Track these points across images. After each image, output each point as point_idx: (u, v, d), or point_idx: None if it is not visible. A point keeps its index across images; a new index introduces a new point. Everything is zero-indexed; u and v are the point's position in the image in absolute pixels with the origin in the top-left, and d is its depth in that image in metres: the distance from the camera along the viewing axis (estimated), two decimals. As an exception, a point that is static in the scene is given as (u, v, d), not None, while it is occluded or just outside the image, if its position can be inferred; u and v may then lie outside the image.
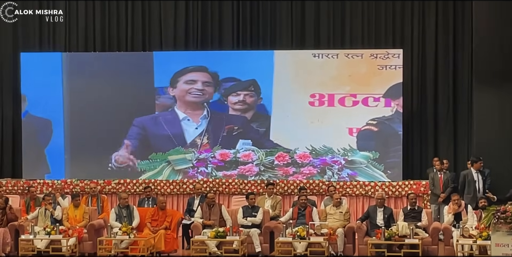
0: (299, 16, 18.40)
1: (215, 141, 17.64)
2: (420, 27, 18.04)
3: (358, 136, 17.31)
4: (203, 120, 17.72)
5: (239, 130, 17.63)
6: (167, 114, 17.86)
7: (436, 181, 15.77)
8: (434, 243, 13.29)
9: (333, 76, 17.44)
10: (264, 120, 17.66)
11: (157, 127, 17.83)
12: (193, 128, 17.77)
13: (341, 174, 17.18)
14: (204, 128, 17.71)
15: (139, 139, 17.87)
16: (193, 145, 17.67)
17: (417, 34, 18.04)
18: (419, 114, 17.93)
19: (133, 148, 17.78)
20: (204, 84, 17.77)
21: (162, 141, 17.76)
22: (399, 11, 18.11)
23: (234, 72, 17.74)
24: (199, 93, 17.76)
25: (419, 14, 18.03)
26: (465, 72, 17.74)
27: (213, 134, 17.67)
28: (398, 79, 17.15)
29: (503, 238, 10.67)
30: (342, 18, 18.31)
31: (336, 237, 13.38)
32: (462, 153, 17.62)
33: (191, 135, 17.75)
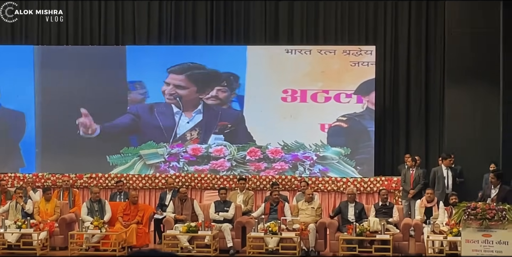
0: (272, 11, 18.40)
1: (206, 137, 17.59)
2: (393, 24, 18.11)
3: (329, 132, 17.34)
4: (196, 115, 17.64)
5: (232, 128, 17.58)
6: (162, 107, 17.77)
7: (407, 178, 15.87)
8: (405, 239, 13.35)
9: (306, 72, 17.46)
10: (237, 115, 17.63)
11: (151, 118, 17.71)
12: (185, 122, 17.67)
13: (313, 170, 17.20)
14: (197, 123, 17.62)
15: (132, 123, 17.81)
16: (183, 138, 17.57)
17: (390, 31, 18.12)
18: (391, 111, 18.01)
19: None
20: (178, 88, 17.69)
21: (156, 131, 17.66)
22: (372, 8, 18.17)
23: (207, 67, 17.68)
24: (170, 97, 17.66)
25: (392, 11, 18.10)
26: (437, 70, 17.84)
27: (205, 130, 17.58)
28: (371, 75, 17.20)
29: (473, 235, 10.76)
30: (315, 14, 18.33)
31: (308, 232, 13.39)
32: (434, 150, 17.73)
33: (182, 129, 17.64)
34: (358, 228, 12.92)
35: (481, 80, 16.30)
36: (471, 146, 16.09)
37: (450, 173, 15.38)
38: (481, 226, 10.70)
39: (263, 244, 13.16)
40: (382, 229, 12.95)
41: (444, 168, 15.45)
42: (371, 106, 17.21)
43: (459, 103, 16.42)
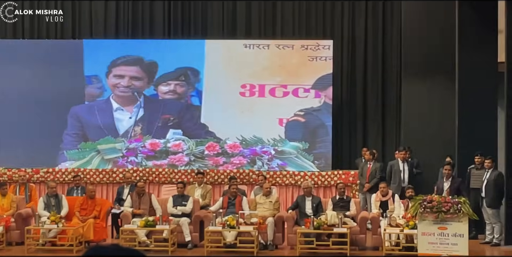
0: (230, 6, 18.38)
1: (149, 131, 17.50)
2: (350, 19, 18.19)
3: (287, 126, 17.36)
4: (137, 109, 17.56)
5: (175, 120, 17.52)
6: (101, 103, 17.65)
7: (364, 171, 15.93)
8: (362, 232, 13.39)
9: (264, 67, 17.45)
10: (194, 110, 17.58)
11: (91, 117, 17.59)
12: (127, 118, 17.58)
13: (271, 164, 17.22)
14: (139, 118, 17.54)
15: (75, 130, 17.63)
16: (127, 135, 17.49)
17: (347, 26, 18.19)
18: (349, 105, 18.09)
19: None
20: (133, 79, 17.60)
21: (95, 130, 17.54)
22: (330, 3, 18.23)
23: (165, 62, 17.60)
24: (125, 90, 17.57)
25: (349, 7, 18.18)
26: (393, 64, 17.95)
27: (148, 124, 17.52)
28: (328, 70, 17.24)
29: (429, 227, 10.84)
30: (273, 9, 18.34)
31: (266, 226, 13.37)
32: (391, 144, 17.85)
33: (125, 125, 17.57)
34: (316, 221, 12.93)
35: (437, 75, 16.44)
36: (428, 139, 16.21)
37: (406, 167, 15.48)
38: (437, 219, 10.78)
39: (221, 238, 13.11)
40: (339, 223, 12.97)
41: (400, 161, 15.55)
42: (329, 101, 17.25)
43: (416, 98, 16.54)
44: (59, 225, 13.35)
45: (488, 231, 14.04)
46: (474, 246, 13.02)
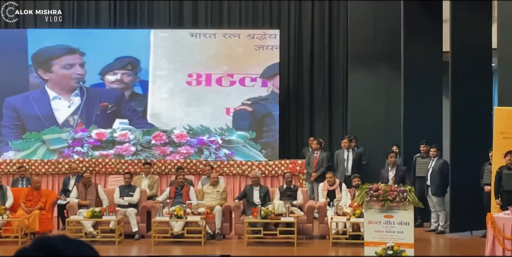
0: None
1: (88, 120, 17.30)
2: (296, 8, 18.17)
3: (234, 115, 17.31)
4: (75, 98, 17.33)
5: (113, 108, 17.35)
6: (37, 93, 17.38)
7: (311, 160, 15.95)
8: (309, 221, 13.42)
9: (210, 56, 17.36)
10: (141, 99, 17.44)
11: (28, 107, 17.32)
12: (66, 107, 17.36)
13: (218, 154, 17.16)
14: (77, 107, 17.33)
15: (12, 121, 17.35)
16: (67, 124, 17.28)
17: (294, 15, 18.17)
18: (296, 95, 18.09)
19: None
20: (76, 68, 17.38)
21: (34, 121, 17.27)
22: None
23: (111, 51, 17.41)
24: (79, 76, 17.36)
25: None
26: (340, 54, 17.99)
27: (86, 113, 17.32)
28: (275, 59, 17.22)
29: (375, 216, 10.87)
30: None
31: (213, 216, 13.33)
32: (337, 133, 17.88)
33: (63, 114, 17.34)
34: (263, 211, 12.91)
35: (383, 64, 16.51)
36: (374, 128, 16.28)
37: (351, 156, 15.53)
38: (383, 207, 10.81)
39: (168, 229, 13.04)
40: (286, 212, 12.97)
41: (346, 150, 15.58)
42: (276, 90, 17.24)
43: (362, 86, 16.60)
44: (3, 217, 13.15)
45: (433, 219, 14.17)
46: (419, 234, 13.14)
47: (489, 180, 12.97)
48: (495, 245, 11.21)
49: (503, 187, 12.26)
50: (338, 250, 12.51)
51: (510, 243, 11.04)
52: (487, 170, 13.26)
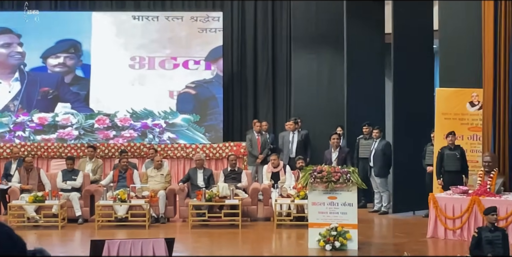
0: (119, -23, 17.95)
1: (29, 105, 16.98)
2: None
3: (178, 98, 17.19)
4: (15, 83, 17.00)
5: (54, 93, 17.05)
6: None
7: (254, 143, 15.88)
8: (253, 204, 13.37)
9: (153, 39, 17.20)
10: (84, 83, 17.17)
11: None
12: (6, 92, 17.02)
13: (162, 137, 17.04)
14: (18, 92, 16.99)
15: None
16: (7, 109, 16.93)
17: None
18: (239, 77, 17.98)
19: None
20: (15, 52, 17.06)
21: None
22: (219, -26, 18.02)
23: (52, 34, 17.09)
24: (18, 56, 17.03)
25: (238, -22, 18.02)
26: (283, 36, 17.91)
27: (27, 98, 16.99)
28: (219, 42, 17.12)
29: (319, 197, 10.83)
30: (163, -20, 18.01)
31: (157, 199, 13.20)
32: (281, 115, 17.86)
33: (4, 99, 17.01)
34: (207, 193, 12.81)
35: (326, 46, 16.47)
36: (318, 110, 16.26)
37: (296, 138, 15.49)
38: (327, 189, 10.77)
39: (112, 212, 12.87)
40: (231, 194, 12.90)
41: (291, 132, 15.54)
42: (220, 73, 17.15)
43: (305, 69, 16.55)
44: None
45: (376, 200, 14.23)
46: (363, 215, 13.19)
47: (431, 160, 13.07)
48: (437, 225, 11.29)
49: (444, 168, 12.34)
50: (283, 231, 12.46)
51: (452, 222, 11.13)
52: (429, 151, 13.34)
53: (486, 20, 11.64)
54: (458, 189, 11.40)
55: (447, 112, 13.03)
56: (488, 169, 11.29)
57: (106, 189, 13.16)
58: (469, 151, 12.83)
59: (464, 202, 11.04)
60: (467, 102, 12.97)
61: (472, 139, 13.03)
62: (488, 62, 11.62)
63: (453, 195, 11.34)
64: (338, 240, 10.56)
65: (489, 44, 11.57)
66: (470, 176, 12.25)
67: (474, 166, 12.59)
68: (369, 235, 11.95)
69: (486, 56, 11.64)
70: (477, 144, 12.83)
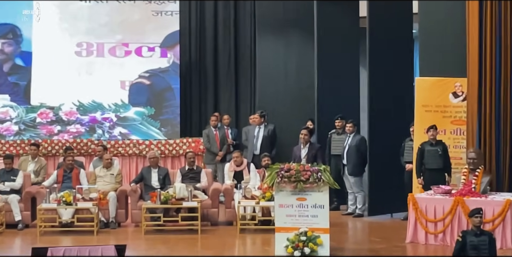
0: (63, -46, 17.78)
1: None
2: (198, -31, 17.98)
3: (130, 90, 17.16)
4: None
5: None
6: None
7: (212, 138, 15.82)
8: (214, 206, 13.33)
9: (102, 23, 17.17)
10: (24, 72, 17.03)
11: None
12: None
13: (113, 132, 17.02)
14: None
15: None
16: None
17: (195, -24, 17.98)
18: (198, 66, 17.95)
19: None
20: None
21: None
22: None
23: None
24: None
25: (196, -46, 17.97)
26: (247, 19, 17.91)
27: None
28: (175, 27, 17.12)
29: (287, 198, 10.79)
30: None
31: (107, 201, 13.11)
32: (245, 108, 17.84)
33: None
34: (163, 195, 12.75)
35: (294, 31, 16.42)
36: (286, 102, 16.22)
37: (262, 133, 15.45)
38: (296, 189, 10.74)
39: (56, 217, 12.76)
40: (189, 196, 12.84)
41: (257, 127, 15.50)
42: (177, 61, 17.15)
43: (271, 56, 16.49)
44: None
45: (350, 201, 14.24)
46: (335, 218, 13.20)
47: (410, 157, 13.09)
48: (417, 228, 11.32)
49: (425, 165, 12.37)
50: (247, 237, 12.44)
51: (433, 225, 11.15)
52: (408, 147, 13.37)
53: (470, 2, 11.66)
54: (440, 189, 11.42)
55: (428, 104, 13.05)
56: (473, 166, 11.32)
57: (49, 191, 13.04)
58: (452, 147, 12.87)
59: (446, 203, 11.06)
60: (450, 93, 13.00)
61: (455, 134, 13.07)
62: (473, 48, 11.65)
63: (435, 196, 11.37)
64: (308, 246, 10.54)
65: (474, 28, 11.60)
66: (453, 174, 12.30)
67: (457, 163, 12.64)
68: (342, 240, 11.96)
69: (471, 42, 11.67)
70: (460, 139, 12.87)
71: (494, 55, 11.51)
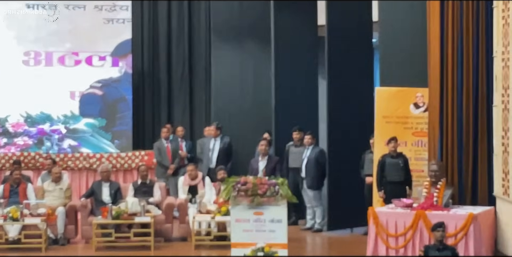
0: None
1: None
2: (151, -25, 17.95)
3: (81, 100, 17.09)
4: None
5: None
6: None
7: (163, 151, 15.75)
8: (168, 221, 13.28)
9: (51, 31, 17.08)
10: None
11: None
12: None
13: (62, 145, 16.94)
14: None
15: None
16: None
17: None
18: (151, 75, 17.89)
19: None
20: None
21: None
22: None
23: None
24: None
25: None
26: (202, 27, 17.89)
27: None
28: (127, 35, 17.07)
29: (244, 213, 10.78)
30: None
31: (56, 217, 13.00)
32: (200, 119, 17.81)
33: None
34: (114, 210, 12.69)
35: (251, 40, 16.44)
36: (242, 113, 16.23)
37: (217, 145, 15.41)
38: (252, 203, 10.73)
39: (2, 233, 12.63)
40: (141, 211, 12.79)
41: (212, 139, 15.46)
42: (129, 71, 17.08)
43: (227, 65, 16.50)
44: None
45: (309, 216, 14.23)
46: (294, 233, 13.18)
47: (371, 170, 13.12)
48: (378, 244, 11.30)
49: (386, 178, 12.41)
50: (202, 253, 12.47)
51: (394, 240, 11.15)
52: (368, 159, 13.39)
53: (431, 10, 11.73)
54: (401, 202, 11.44)
55: (389, 115, 13.09)
56: (434, 179, 11.35)
57: (-6, 206, 12.92)
58: (413, 159, 12.92)
59: (408, 217, 11.07)
60: (411, 104, 13.06)
61: (416, 145, 13.12)
62: (434, 58, 11.71)
63: (396, 209, 11.37)
64: (266, 262, 10.51)
65: (435, 37, 11.67)
66: (414, 187, 12.34)
67: (419, 176, 12.68)
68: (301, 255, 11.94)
69: (432, 51, 11.73)
70: (422, 151, 12.92)
71: (455, 65, 11.56)
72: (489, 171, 11.23)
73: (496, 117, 10.83)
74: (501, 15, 10.50)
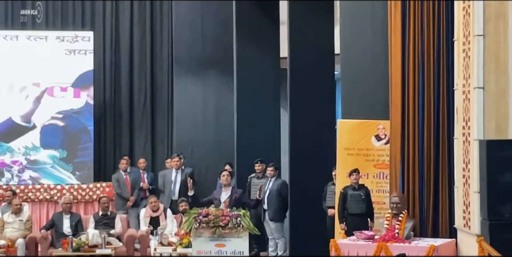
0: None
1: None
2: (113, 6, 17.92)
3: (42, 131, 16.94)
4: None
5: None
6: None
7: (122, 183, 15.69)
8: (129, 253, 13.26)
9: (12, 62, 16.91)
10: None
11: None
12: None
13: (22, 176, 16.75)
14: None
15: None
16: None
17: (110, 14, 17.93)
18: (113, 107, 17.83)
19: None
20: None
21: None
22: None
23: None
24: None
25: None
26: (164, 59, 17.89)
27: None
28: (89, 66, 17.00)
29: (205, 245, 10.80)
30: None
31: (15, 249, 12.93)
32: (162, 151, 17.75)
33: None
34: (75, 242, 12.66)
35: (212, 72, 16.51)
36: (203, 145, 16.24)
37: (179, 177, 15.40)
38: (214, 235, 10.76)
39: (-40, 266, 12.53)
40: (102, 243, 12.75)
41: (174, 170, 15.46)
42: (91, 101, 17.01)
43: (189, 96, 16.54)
44: None
45: (271, 248, 14.23)
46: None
47: (333, 202, 13.12)
48: (339, 275, 11.33)
49: (348, 210, 12.40)
50: (163, 285, 12.36)
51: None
52: (330, 191, 13.41)
53: (393, 43, 11.83)
54: (363, 234, 11.47)
55: (350, 147, 13.14)
56: (396, 211, 11.40)
57: (-47, 238, 12.81)
58: (375, 191, 12.94)
59: (369, 249, 11.11)
60: (373, 136, 13.11)
61: (378, 178, 13.16)
62: (395, 90, 11.77)
63: (358, 241, 11.40)
64: (227, 295, 10.51)
65: (396, 70, 11.74)
66: (376, 219, 12.37)
67: (380, 208, 12.72)
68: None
69: (394, 84, 11.80)
70: (383, 183, 12.95)
71: (417, 98, 11.64)
72: (450, 203, 11.27)
73: (457, 149, 10.90)
74: (461, 48, 10.61)
